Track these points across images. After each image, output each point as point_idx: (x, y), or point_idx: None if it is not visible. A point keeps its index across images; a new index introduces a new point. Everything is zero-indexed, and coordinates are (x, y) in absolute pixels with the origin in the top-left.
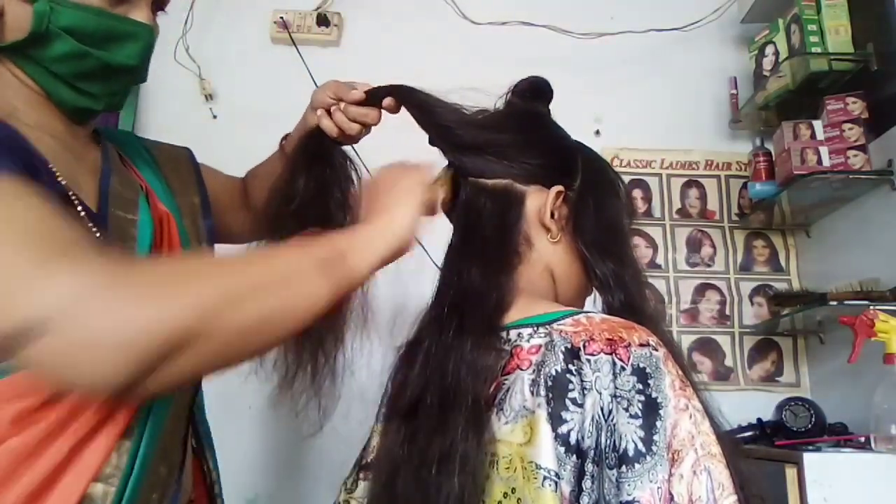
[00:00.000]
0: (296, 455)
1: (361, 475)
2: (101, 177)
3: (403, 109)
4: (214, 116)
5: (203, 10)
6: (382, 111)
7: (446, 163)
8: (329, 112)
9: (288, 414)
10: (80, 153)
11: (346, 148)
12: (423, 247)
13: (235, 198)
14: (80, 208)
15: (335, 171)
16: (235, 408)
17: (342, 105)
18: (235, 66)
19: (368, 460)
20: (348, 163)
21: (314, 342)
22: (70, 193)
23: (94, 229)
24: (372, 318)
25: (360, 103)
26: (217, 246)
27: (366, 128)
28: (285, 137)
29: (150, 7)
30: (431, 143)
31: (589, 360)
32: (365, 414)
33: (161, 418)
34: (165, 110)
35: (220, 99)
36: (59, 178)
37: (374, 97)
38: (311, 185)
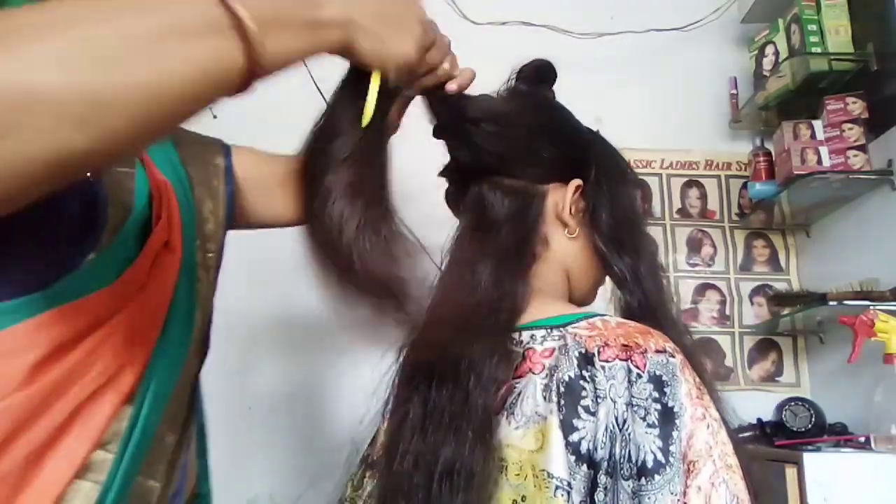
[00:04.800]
0: (296, 455)
1: (368, 473)
2: None
3: None
4: (214, 116)
5: None
6: None
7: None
8: None
9: (287, 412)
10: None
11: None
12: (419, 241)
13: (283, 176)
14: None
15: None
16: (235, 408)
17: None
18: None
19: (375, 458)
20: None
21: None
22: None
23: (90, 176)
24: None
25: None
26: None
27: None
28: None
29: None
30: (438, 134)
31: (603, 367)
32: (366, 411)
33: (165, 384)
34: None
35: None
36: None
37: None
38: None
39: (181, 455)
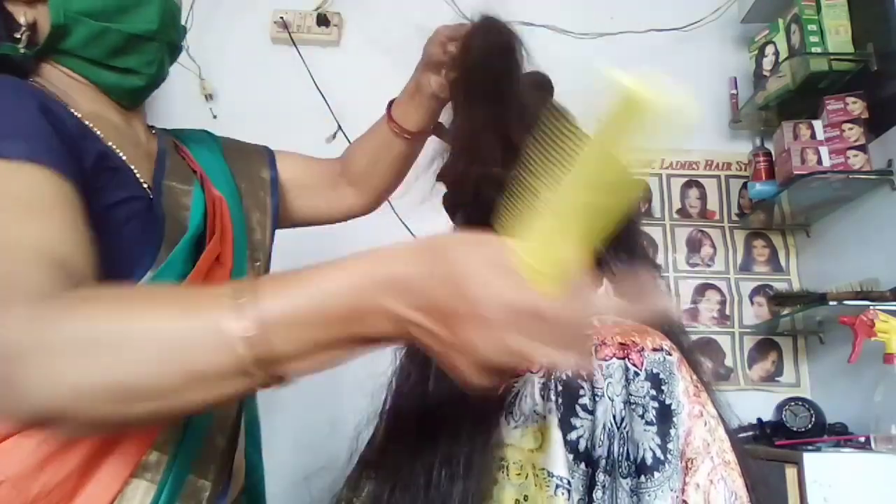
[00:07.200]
0: (295, 454)
1: (365, 473)
2: (157, 157)
3: None
4: (214, 116)
5: (203, 10)
6: None
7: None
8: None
9: (286, 411)
10: (136, 140)
11: None
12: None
13: (325, 176)
14: (138, 175)
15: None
16: None
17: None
18: (235, 66)
19: (372, 458)
20: None
21: None
22: (128, 163)
23: (150, 193)
24: None
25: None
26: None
27: None
28: (392, 103)
29: None
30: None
31: (601, 366)
32: (368, 411)
33: None
34: (165, 110)
35: (220, 99)
36: (115, 149)
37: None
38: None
39: (232, 455)
